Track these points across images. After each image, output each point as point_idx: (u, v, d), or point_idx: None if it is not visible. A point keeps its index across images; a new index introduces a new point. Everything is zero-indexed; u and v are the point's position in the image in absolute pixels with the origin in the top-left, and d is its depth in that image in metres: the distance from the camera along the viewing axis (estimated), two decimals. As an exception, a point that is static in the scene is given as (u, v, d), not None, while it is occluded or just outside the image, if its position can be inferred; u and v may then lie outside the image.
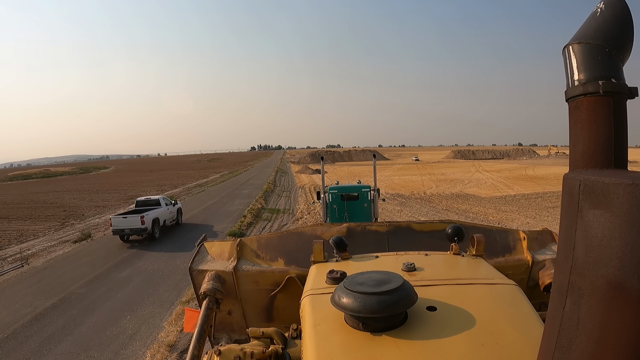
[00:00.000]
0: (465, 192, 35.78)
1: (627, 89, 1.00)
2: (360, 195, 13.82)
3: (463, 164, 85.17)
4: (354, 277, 1.68)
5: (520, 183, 40.86)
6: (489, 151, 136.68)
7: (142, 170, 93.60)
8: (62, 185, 55.67)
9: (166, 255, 15.75)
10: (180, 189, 45.29)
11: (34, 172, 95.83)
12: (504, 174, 53.90)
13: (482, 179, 47.19)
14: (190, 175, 69.01)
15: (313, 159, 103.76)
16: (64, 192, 45.63)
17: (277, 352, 1.82)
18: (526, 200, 28.74)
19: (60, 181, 66.88)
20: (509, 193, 33.45)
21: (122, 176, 73.73)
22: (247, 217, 23.02)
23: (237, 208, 27.70)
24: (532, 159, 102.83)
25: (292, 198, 34.27)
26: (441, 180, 47.90)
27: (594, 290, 0.75)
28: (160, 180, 58.37)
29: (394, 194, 35.14)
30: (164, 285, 12.20)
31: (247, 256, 3.05)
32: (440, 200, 30.92)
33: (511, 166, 71.07)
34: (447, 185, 41.63)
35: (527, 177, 48.07)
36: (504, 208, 25.94)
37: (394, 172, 63.30)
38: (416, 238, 2.98)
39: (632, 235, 0.69)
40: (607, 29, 1.02)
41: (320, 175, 20.56)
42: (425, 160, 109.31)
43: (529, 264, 2.87)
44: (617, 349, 0.71)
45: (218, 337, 3.17)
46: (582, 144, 1.00)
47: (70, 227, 24.22)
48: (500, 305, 1.73)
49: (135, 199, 22.89)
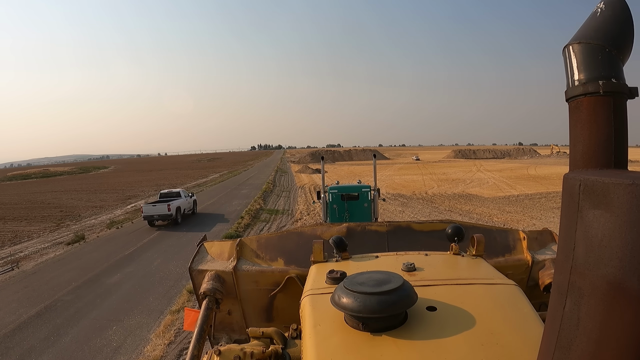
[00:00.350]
0: (468, 192, 34.98)
1: (627, 89, 1.00)
2: (360, 195, 13.82)
3: (464, 163, 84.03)
4: (354, 277, 1.68)
5: (522, 183, 40.39)
6: (490, 150, 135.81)
7: (142, 170, 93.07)
8: (60, 185, 55.21)
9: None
10: (178, 190, 44.25)
11: (33, 172, 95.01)
12: (506, 173, 53.11)
13: (484, 179, 46.36)
14: (189, 175, 68.57)
15: (313, 158, 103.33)
16: (62, 192, 45.26)
17: (277, 352, 1.82)
18: (530, 201, 28.31)
19: (59, 181, 66.33)
20: (512, 193, 32.83)
21: (122, 176, 73.23)
22: (244, 219, 22.62)
23: (235, 209, 27.21)
24: (533, 158, 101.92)
25: (292, 198, 33.65)
26: (443, 180, 47.07)
27: (594, 290, 0.75)
28: (159, 180, 57.99)
29: (395, 194, 34.40)
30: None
31: (247, 256, 3.06)
32: (443, 200, 30.27)
33: (513, 166, 70.02)
34: (448, 185, 40.84)
35: (529, 176, 47.58)
36: (508, 209, 25.46)
37: (395, 172, 62.40)
38: (416, 238, 2.98)
39: (632, 235, 0.69)
40: (607, 29, 1.02)
41: (320, 175, 20.57)
42: (426, 159, 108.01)
43: (529, 264, 2.87)
44: (617, 349, 0.71)
45: (218, 337, 3.17)
46: (582, 144, 1.01)
47: (66, 228, 23.88)
48: (500, 306, 1.73)
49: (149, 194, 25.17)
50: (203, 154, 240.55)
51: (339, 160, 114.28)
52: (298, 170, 69.71)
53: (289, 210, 26.95)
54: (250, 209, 26.30)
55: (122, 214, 28.55)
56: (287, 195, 36.47)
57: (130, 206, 32.11)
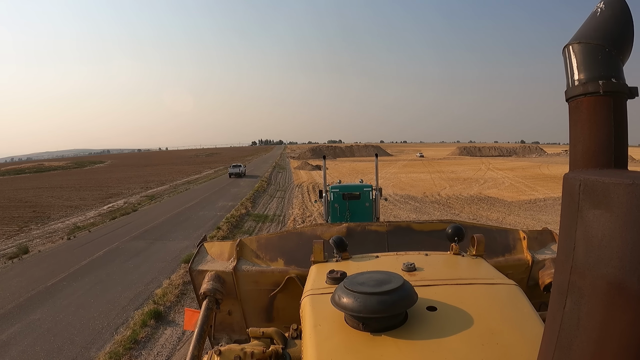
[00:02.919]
0: (485, 194, 31.73)
1: (627, 89, 1.00)
2: (361, 195, 13.81)
3: (471, 161, 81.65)
4: (354, 277, 1.69)
5: (541, 183, 37.55)
6: (495, 148, 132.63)
7: (137, 165, 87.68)
8: (48, 181, 51.09)
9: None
10: (166, 187, 41.40)
11: (27, 167, 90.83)
12: (519, 172, 50.18)
13: (497, 179, 43.32)
14: (183, 171, 64.87)
15: (314, 154, 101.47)
16: (46, 189, 41.75)
17: (278, 352, 1.82)
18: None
19: (50, 176, 62.27)
20: (535, 196, 29.54)
21: (114, 171, 69.22)
22: (221, 230, 18.56)
23: (216, 214, 22.94)
24: (542, 157, 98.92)
25: (287, 200, 30.10)
26: (453, 179, 43.86)
27: (594, 290, 0.75)
28: (149, 177, 54.32)
29: (404, 195, 31.01)
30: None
31: (246, 256, 3.06)
32: (461, 204, 26.65)
33: (523, 164, 66.82)
34: (461, 186, 37.70)
35: (545, 176, 44.97)
36: (544, 217, 21.40)
37: (400, 169, 58.91)
38: (416, 238, 2.98)
39: (632, 235, 0.69)
40: (607, 29, 1.02)
41: (321, 172, 20.10)
42: (430, 156, 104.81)
43: (529, 264, 2.87)
44: (617, 349, 0.71)
45: (218, 337, 3.17)
46: (582, 143, 1.01)
47: (26, 234, 20.51)
48: (501, 305, 1.73)
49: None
50: (203, 149, 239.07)
51: (340, 156, 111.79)
52: (297, 166, 65.06)
53: (280, 216, 23.06)
54: (233, 215, 22.00)
55: (94, 216, 24.78)
56: (281, 195, 32.79)
57: (107, 207, 28.90)
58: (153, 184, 43.76)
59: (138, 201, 30.76)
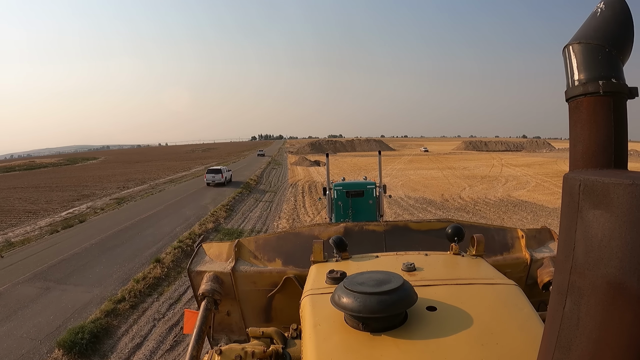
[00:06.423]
0: (515, 196, 26.29)
1: (627, 89, 1.00)
2: (365, 192, 13.78)
3: (479, 156, 75.98)
4: (354, 277, 1.69)
5: None
6: (502, 142, 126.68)
7: (129, 162, 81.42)
8: (29, 180, 46.68)
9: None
10: (145, 186, 36.51)
11: (18, 164, 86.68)
12: (537, 169, 44.61)
13: (519, 177, 37.62)
14: (172, 168, 59.78)
15: (313, 149, 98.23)
16: (20, 189, 37.83)
17: (278, 352, 1.82)
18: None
19: (37, 174, 57.59)
20: None
21: (103, 169, 63.85)
22: (167, 258, 13.02)
23: (173, 229, 17.31)
24: (552, 152, 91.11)
25: (275, 205, 25.03)
26: (469, 177, 38.55)
27: (594, 290, 0.75)
28: (134, 174, 49.34)
29: (419, 198, 25.69)
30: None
31: (245, 257, 3.06)
32: (495, 212, 21.08)
33: (537, 160, 60.94)
34: (482, 185, 32.11)
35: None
36: None
37: (406, 165, 53.57)
38: (414, 237, 2.99)
39: (632, 235, 0.69)
40: (607, 29, 1.02)
41: (319, 169, 19.87)
42: (435, 151, 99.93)
43: (527, 262, 2.88)
44: (617, 349, 0.71)
45: (217, 338, 3.17)
46: (582, 144, 1.01)
47: None
48: (500, 305, 1.73)
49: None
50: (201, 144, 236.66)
51: (341, 151, 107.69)
52: (294, 162, 60.83)
53: (262, 230, 17.87)
54: (194, 232, 16.40)
55: (41, 227, 20.09)
56: (270, 198, 27.63)
57: (66, 212, 24.35)
58: (133, 183, 39.82)
59: (103, 205, 26.31)
